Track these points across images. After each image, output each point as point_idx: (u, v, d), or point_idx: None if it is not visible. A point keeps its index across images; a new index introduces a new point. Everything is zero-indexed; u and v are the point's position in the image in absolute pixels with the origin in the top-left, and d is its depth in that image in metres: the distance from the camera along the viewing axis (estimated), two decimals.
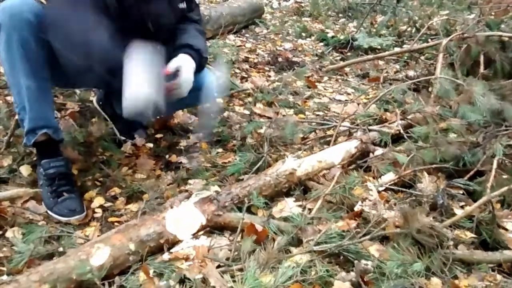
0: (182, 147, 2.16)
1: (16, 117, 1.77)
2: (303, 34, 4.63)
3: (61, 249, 1.42)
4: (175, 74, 1.69)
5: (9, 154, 1.91)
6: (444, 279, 1.29)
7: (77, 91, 2.44)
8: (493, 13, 3.51)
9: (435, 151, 1.84)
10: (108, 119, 2.21)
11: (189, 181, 1.86)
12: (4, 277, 1.29)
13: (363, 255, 1.35)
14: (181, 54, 1.75)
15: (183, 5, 1.87)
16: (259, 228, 1.44)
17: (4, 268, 1.34)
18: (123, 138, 2.15)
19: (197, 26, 1.94)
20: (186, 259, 1.36)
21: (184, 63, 1.72)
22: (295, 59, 3.81)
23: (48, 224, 1.59)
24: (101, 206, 1.73)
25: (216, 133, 2.31)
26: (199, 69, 1.81)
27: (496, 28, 3.21)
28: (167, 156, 2.08)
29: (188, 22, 1.92)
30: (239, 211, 1.55)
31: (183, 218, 1.47)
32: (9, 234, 1.51)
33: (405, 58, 3.68)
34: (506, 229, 1.52)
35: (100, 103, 2.23)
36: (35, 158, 1.81)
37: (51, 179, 1.69)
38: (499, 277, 1.32)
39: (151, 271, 1.31)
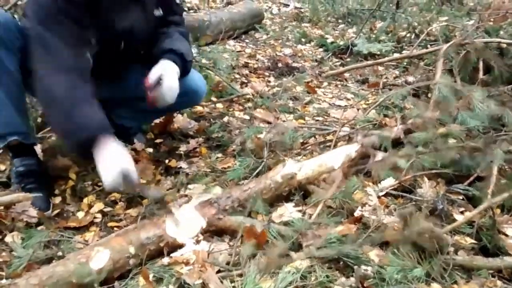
0: (181, 152, 2.16)
1: None
2: (303, 40, 4.65)
3: (60, 253, 1.42)
4: (157, 83, 1.69)
5: (7, 158, 1.91)
6: (444, 285, 1.28)
7: None
8: (492, 20, 3.52)
9: (435, 157, 1.84)
10: None
11: (189, 186, 1.86)
12: (3, 281, 1.28)
13: (363, 261, 1.35)
14: (162, 61, 1.74)
15: (159, 12, 1.83)
16: (259, 231, 1.44)
17: (3, 273, 1.34)
18: (121, 143, 2.15)
19: (179, 28, 1.92)
20: (186, 263, 1.35)
21: (166, 70, 1.71)
22: (294, 64, 3.82)
23: (48, 228, 1.58)
24: (100, 211, 1.73)
25: (216, 138, 2.31)
26: (183, 73, 1.80)
27: (495, 34, 3.22)
28: (166, 161, 2.08)
29: (170, 25, 1.90)
30: (239, 215, 1.54)
31: (183, 221, 1.47)
32: (8, 238, 1.51)
33: (405, 63, 3.70)
34: (507, 235, 1.52)
35: None
36: None
37: (21, 176, 1.73)
38: (499, 283, 1.32)
39: (150, 276, 1.30)
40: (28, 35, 1.55)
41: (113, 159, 1.44)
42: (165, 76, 1.70)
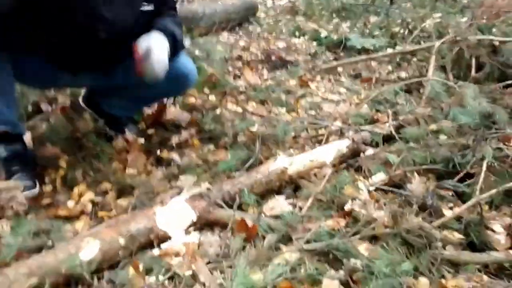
0: (173, 143, 2.15)
1: None
2: (297, 33, 4.63)
3: (50, 242, 1.41)
4: (146, 54, 1.64)
5: None
6: (431, 279, 1.30)
7: None
8: (485, 17, 3.54)
9: (425, 153, 1.86)
10: (96, 116, 2.18)
11: (180, 177, 1.86)
12: None
13: (352, 254, 1.36)
14: (153, 31, 1.69)
15: (148, 7, 1.76)
16: (249, 223, 1.44)
17: None
18: (113, 133, 2.14)
19: (174, 18, 1.89)
20: (176, 255, 1.35)
21: (154, 42, 1.66)
22: (288, 58, 3.80)
23: (37, 217, 1.57)
24: (91, 201, 1.72)
25: (208, 130, 2.30)
26: (174, 53, 1.76)
27: (488, 32, 3.24)
28: (158, 152, 2.07)
29: (164, 15, 1.86)
30: (230, 208, 1.54)
31: (173, 214, 1.47)
32: None
33: (398, 59, 3.70)
34: (494, 231, 1.53)
35: (86, 101, 2.21)
36: None
37: (4, 160, 1.71)
38: (485, 278, 1.33)
39: (140, 266, 1.30)
40: None
41: None
42: (153, 48, 1.64)
